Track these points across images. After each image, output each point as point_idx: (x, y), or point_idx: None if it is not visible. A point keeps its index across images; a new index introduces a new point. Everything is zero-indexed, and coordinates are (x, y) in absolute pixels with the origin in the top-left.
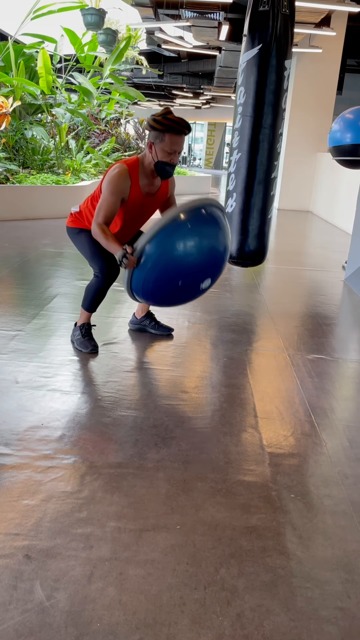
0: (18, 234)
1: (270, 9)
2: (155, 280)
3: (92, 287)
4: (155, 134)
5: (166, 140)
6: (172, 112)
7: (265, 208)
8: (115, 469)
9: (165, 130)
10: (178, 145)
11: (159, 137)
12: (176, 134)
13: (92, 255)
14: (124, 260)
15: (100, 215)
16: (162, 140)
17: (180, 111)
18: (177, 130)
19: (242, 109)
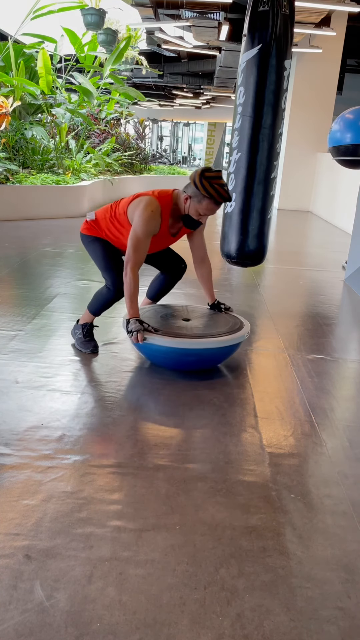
0: (18, 234)
1: (270, 9)
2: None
3: (103, 296)
4: (196, 192)
5: (203, 204)
6: (221, 177)
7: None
8: (115, 469)
9: (207, 196)
10: (212, 212)
11: (197, 198)
12: (215, 204)
13: (105, 267)
14: (134, 333)
15: (134, 258)
16: (199, 202)
17: (180, 111)
18: (217, 201)
19: (241, 109)
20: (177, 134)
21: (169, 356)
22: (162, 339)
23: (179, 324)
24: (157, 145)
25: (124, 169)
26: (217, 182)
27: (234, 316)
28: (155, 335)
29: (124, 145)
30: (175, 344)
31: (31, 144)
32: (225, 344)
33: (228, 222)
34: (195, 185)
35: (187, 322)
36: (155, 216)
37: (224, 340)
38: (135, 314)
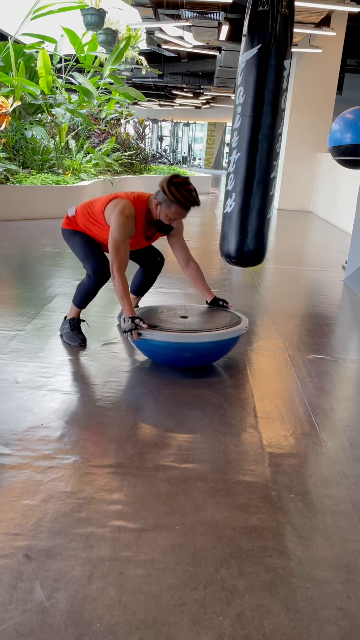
0: (18, 234)
1: (270, 9)
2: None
3: (84, 286)
4: (165, 198)
5: (172, 209)
6: (189, 183)
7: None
8: (115, 469)
9: (174, 201)
10: (182, 216)
11: (167, 203)
12: (183, 208)
13: (85, 256)
14: (131, 331)
15: (118, 260)
16: (168, 207)
17: (180, 111)
18: (184, 206)
19: (241, 109)
20: (177, 134)
21: (166, 352)
22: (159, 334)
23: (176, 321)
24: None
25: (123, 169)
26: (184, 188)
27: (232, 312)
28: (152, 331)
29: (124, 145)
30: (172, 339)
31: (31, 144)
32: (223, 337)
33: (228, 222)
34: (163, 191)
35: (185, 319)
36: (130, 220)
37: (221, 334)
38: (130, 312)
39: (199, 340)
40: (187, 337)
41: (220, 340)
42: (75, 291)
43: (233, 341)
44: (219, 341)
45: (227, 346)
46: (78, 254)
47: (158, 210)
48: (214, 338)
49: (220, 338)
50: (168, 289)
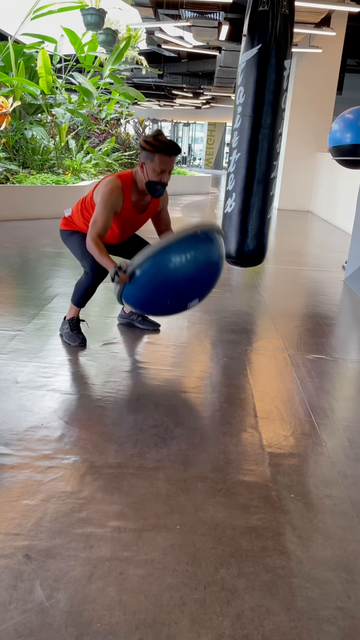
0: (18, 234)
1: (270, 9)
2: (145, 299)
3: (82, 284)
4: (146, 154)
5: (156, 160)
6: (162, 134)
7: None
8: (115, 469)
9: (155, 150)
10: (168, 165)
11: (150, 158)
12: (166, 154)
13: (82, 254)
14: (116, 277)
15: (94, 230)
16: (152, 160)
17: (180, 111)
18: (166, 151)
19: (241, 109)
20: (177, 134)
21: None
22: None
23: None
24: None
25: (123, 169)
26: (159, 137)
27: None
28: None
29: (124, 145)
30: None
31: (31, 144)
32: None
33: (228, 222)
34: (143, 148)
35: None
36: (115, 190)
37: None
38: (112, 264)
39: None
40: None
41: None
42: (74, 290)
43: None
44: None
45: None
46: (76, 252)
47: (144, 170)
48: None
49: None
50: None
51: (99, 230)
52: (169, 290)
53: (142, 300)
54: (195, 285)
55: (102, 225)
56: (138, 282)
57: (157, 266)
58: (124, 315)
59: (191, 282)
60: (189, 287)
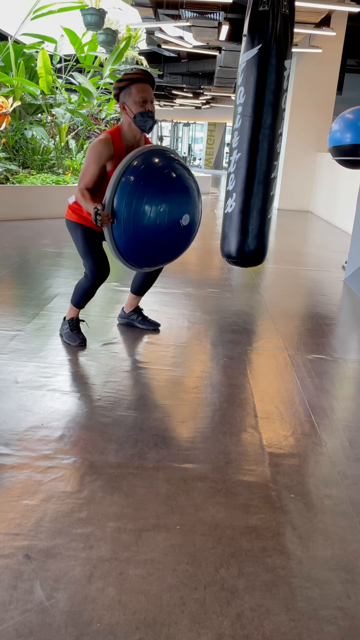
0: (18, 234)
1: (270, 9)
2: (135, 229)
3: (82, 286)
4: (123, 92)
5: (133, 91)
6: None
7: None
8: (115, 469)
9: (129, 82)
10: (146, 92)
11: (127, 93)
12: (140, 82)
13: (84, 253)
14: (97, 218)
15: (82, 182)
16: (130, 94)
17: (180, 111)
18: (140, 80)
19: (241, 109)
20: (177, 134)
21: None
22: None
23: None
24: None
25: None
26: (127, 72)
27: None
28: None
29: None
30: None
31: (31, 144)
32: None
33: (228, 222)
34: (118, 89)
35: None
36: (100, 143)
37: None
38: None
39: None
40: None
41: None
42: (73, 291)
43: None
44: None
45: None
46: (79, 247)
47: (127, 109)
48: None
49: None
50: (168, 289)
51: (87, 182)
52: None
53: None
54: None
55: (89, 178)
56: (120, 216)
57: (124, 190)
58: (124, 315)
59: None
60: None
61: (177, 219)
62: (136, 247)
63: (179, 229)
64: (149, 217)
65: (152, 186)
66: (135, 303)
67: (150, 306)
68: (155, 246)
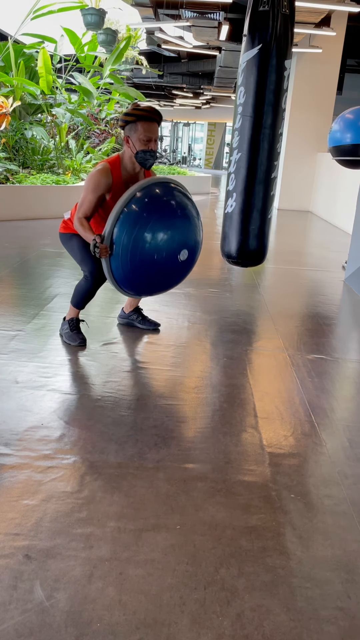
0: (18, 234)
1: (270, 9)
2: (133, 262)
3: (82, 287)
4: (129, 126)
5: (139, 129)
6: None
7: (265, 208)
8: (115, 469)
9: (137, 119)
10: (152, 132)
11: (133, 128)
12: (148, 121)
13: (82, 257)
14: (96, 250)
15: (80, 211)
16: (135, 130)
17: (180, 111)
18: (147, 118)
19: (242, 109)
20: (177, 134)
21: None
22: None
23: None
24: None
25: None
26: (137, 106)
27: None
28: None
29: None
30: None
31: (31, 144)
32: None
33: (228, 222)
34: (125, 122)
35: None
36: (101, 171)
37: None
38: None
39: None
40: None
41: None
42: (73, 292)
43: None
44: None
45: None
46: (75, 256)
47: (130, 143)
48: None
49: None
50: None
51: (85, 211)
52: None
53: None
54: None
55: (89, 207)
56: (118, 249)
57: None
58: (124, 315)
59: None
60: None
61: (175, 255)
62: (134, 279)
63: (177, 263)
64: (148, 251)
65: (153, 221)
66: (135, 303)
67: (150, 306)
68: (153, 279)
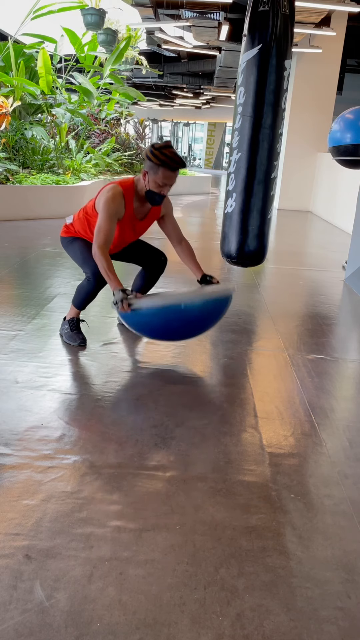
0: (18, 234)
1: (270, 9)
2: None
3: (84, 289)
4: (151, 164)
5: (159, 174)
6: (171, 147)
7: (265, 208)
8: (115, 469)
9: (160, 164)
10: (170, 180)
11: (153, 169)
12: (170, 170)
13: (83, 259)
14: (119, 303)
15: (99, 238)
16: (155, 172)
17: (180, 111)
18: (171, 167)
19: (241, 109)
20: (177, 134)
21: (153, 320)
22: (146, 301)
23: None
24: None
25: (124, 169)
26: (166, 151)
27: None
28: (141, 299)
29: (124, 145)
30: (158, 304)
31: (31, 144)
32: (208, 298)
33: (228, 222)
34: (148, 158)
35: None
36: (117, 197)
37: (206, 294)
38: (118, 285)
39: (186, 301)
40: (174, 299)
41: (207, 302)
42: (75, 293)
43: (220, 304)
44: (205, 302)
45: (215, 310)
46: (77, 258)
47: (146, 179)
48: (199, 299)
49: (207, 299)
50: (168, 288)
51: (105, 238)
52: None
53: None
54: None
55: (107, 233)
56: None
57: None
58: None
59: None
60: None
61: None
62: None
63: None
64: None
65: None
66: None
67: None
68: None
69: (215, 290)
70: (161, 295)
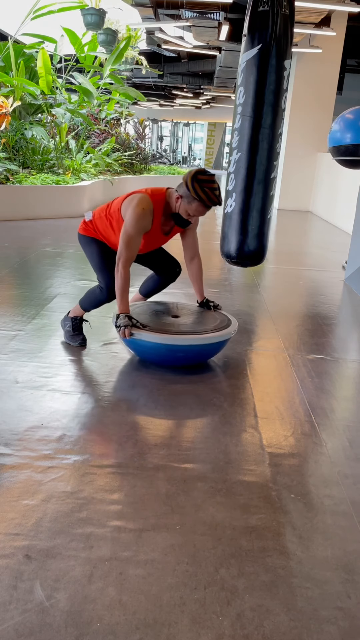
0: (18, 234)
1: (270, 9)
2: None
3: (95, 295)
4: (187, 193)
5: (193, 206)
6: (214, 181)
7: (264, 208)
8: (115, 469)
9: (197, 199)
10: (201, 214)
11: (188, 199)
12: (205, 207)
13: (100, 268)
14: (121, 328)
15: (126, 254)
16: (189, 203)
17: (180, 111)
18: (206, 205)
19: (241, 109)
20: (177, 134)
21: (155, 352)
22: (149, 335)
23: (167, 321)
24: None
25: (124, 169)
26: (208, 186)
27: (223, 314)
28: (143, 331)
29: (124, 145)
30: (161, 340)
31: (31, 144)
32: (212, 340)
33: (228, 222)
34: (187, 186)
35: (176, 319)
36: (147, 214)
37: (211, 337)
38: (125, 310)
39: (188, 342)
40: (176, 339)
41: (210, 344)
42: (85, 295)
43: (223, 344)
44: (207, 344)
45: (217, 348)
46: (93, 263)
47: (178, 203)
48: (202, 341)
49: (210, 341)
50: (168, 288)
51: (131, 255)
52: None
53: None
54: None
55: (133, 250)
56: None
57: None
58: None
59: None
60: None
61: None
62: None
63: None
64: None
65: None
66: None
67: None
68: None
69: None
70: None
